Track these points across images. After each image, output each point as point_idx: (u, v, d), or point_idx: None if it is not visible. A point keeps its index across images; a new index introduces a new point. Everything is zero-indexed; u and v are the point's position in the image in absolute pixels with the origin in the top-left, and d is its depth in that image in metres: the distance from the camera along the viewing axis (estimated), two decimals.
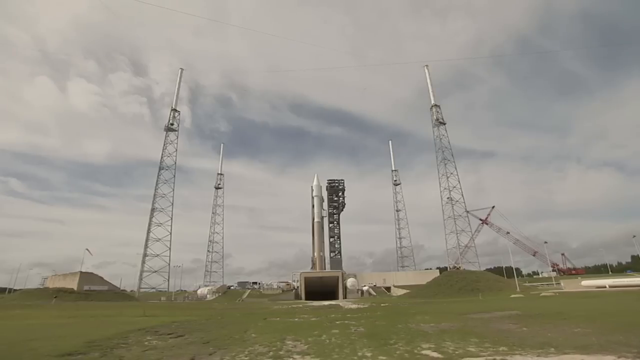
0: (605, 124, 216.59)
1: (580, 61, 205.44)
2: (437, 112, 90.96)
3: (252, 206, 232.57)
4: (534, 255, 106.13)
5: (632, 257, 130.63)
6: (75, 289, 49.13)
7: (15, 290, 72.46)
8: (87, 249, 57.30)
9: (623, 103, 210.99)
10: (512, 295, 32.73)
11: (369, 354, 7.81)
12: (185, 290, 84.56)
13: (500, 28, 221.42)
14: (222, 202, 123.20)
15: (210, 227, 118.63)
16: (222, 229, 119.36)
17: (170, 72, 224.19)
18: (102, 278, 56.20)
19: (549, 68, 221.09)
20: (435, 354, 7.70)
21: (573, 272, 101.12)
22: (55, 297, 42.47)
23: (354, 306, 33.29)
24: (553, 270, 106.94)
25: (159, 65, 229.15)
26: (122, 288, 65.70)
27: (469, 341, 9.28)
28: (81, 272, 53.15)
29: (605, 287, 36.27)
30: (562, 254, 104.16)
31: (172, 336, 12.44)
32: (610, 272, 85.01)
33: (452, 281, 44.73)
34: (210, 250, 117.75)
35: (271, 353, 8.44)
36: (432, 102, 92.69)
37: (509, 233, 65.29)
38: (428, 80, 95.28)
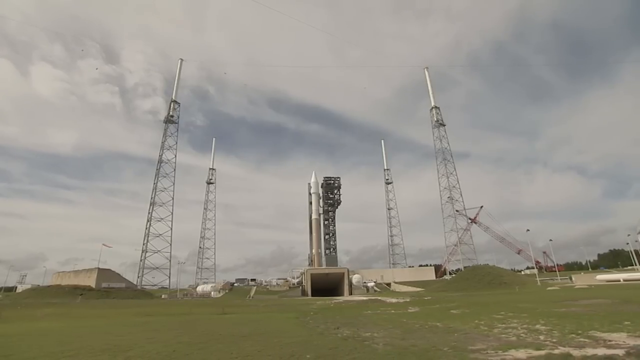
0: (570, 130, 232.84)
1: (549, 69, 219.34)
2: (437, 113, 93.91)
3: (227, 202, 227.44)
4: (518, 253, 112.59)
5: (599, 255, 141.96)
6: (94, 286, 46.13)
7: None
8: (104, 244, 53.85)
9: (586, 111, 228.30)
10: (549, 288, 35.02)
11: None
12: (184, 288, 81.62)
13: (477, 32, 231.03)
14: (215, 197, 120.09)
15: (202, 223, 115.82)
16: (214, 224, 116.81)
17: (145, 61, 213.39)
18: (119, 275, 52.91)
19: (521, 74, 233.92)
20: None
21: (554, 269, 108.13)
22: (80, 294, 39.74)
23: (398, 300, 33.92)
24: (534, 267, 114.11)
25: (132, 53, 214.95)
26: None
27: None
28: (99, 268, 49.81)
29: (619, 280, 39.38)
30: (544, 252, 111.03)
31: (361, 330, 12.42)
32: (590, 269, 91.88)
33: (479, 275, 46.99)
34: (202, 246, 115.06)
35: (528, 337, 8.82)
36: (432, 103, 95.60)
37: (528, 230, 68.64)
38: (428, 82, 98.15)
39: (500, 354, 6.57)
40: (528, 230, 64.76)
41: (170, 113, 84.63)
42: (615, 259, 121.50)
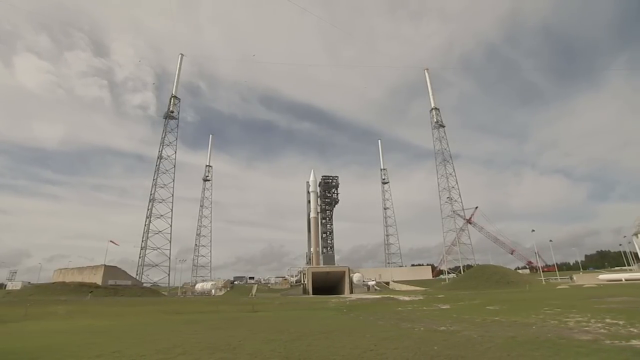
0: (557, 133, 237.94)
1: (539, 72, 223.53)
2: (437, 114, 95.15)
3: (218, 200, 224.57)
4: (511, 254, 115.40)
5: (586, 256, 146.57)
6: (100, 283, 45.05)
7: None
8: (111, 241, 52.56)
9: (573, 115, 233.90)
10: (559, 287, 36.09)
11: None
12: (183, 286, 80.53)
13: (470, 35, 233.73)
14: (211, 195, 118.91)
15: (198, 220, 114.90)
16: (211, 222, 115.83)
17: (135, 55, 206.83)
18: (125, 272, 51.81)
19: (512, 77, 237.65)
20: None
21: (545, 269, 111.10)
22: (91, 292, 38.78)
23: (412, 298, 34.43)
24: (525, 267, 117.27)
25: (122, 46, 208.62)
26: None
27: None
28: (105, 265, 48.68)
29: (621, 280, 40.80)
30: (536, 252, 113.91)
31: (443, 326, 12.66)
32: (581, 269, 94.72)
33: (486, 275, 48.09)
34: (197, 244, 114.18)
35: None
36: (432, 105, 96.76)
37: (533, 230, 68.94)
38: (428, 84, 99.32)
39: (624, 344, 6.88)
40: (533, 230, 65.90)
41: (171, 109, 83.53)
42: (602, 260, 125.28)
